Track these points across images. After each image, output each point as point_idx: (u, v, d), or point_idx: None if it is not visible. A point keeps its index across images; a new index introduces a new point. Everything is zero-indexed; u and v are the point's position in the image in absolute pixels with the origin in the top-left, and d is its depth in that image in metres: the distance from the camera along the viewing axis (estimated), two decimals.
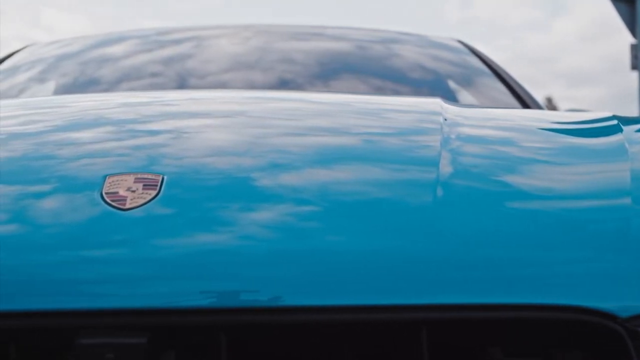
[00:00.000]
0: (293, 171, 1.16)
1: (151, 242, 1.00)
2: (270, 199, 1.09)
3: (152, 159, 1.17)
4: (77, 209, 1.06)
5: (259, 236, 1.02)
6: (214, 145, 1.25)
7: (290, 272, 0.98)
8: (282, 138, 1.32)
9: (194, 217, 1.05)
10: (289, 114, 1.55)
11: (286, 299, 0.97)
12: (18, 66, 2.75)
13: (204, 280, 0.98)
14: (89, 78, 2.52)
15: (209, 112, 1.55)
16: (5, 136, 1.33)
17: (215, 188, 1.11)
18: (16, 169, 1.18)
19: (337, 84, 2.47)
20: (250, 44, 2.71)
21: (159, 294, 0.96)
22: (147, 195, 1.06)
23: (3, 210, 1.06)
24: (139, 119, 1.47)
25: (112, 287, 0.97)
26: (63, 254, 1.00)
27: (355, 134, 1.38)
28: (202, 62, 2.57)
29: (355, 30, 3.00)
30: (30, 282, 0.97)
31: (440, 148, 1.24)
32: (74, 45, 2.85)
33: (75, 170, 1.16)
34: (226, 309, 0.96)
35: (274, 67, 2.54)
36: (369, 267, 0.99)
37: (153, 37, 2.85)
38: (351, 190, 1.12)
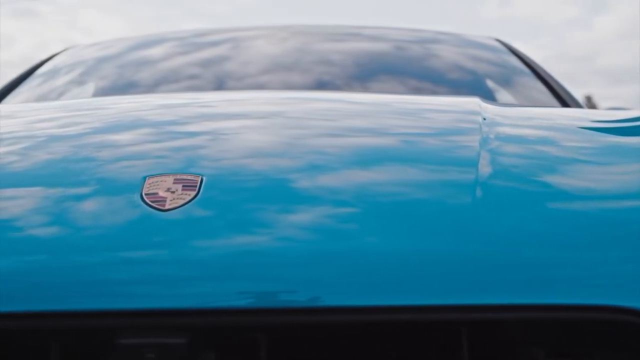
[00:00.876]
0: (331, 172, 1.16)
1: (190, 243, 1.01)
2: (308, 200, 1.09)
3: (190, 161, 1.17)
4: (117, 211, 1.07)
5: (297, 237, 1.03)
6: (251, 146, 1.26)
7: (329, 273, 0.98)
8: (319, 139, 1.32)
9: (233, 219, 1.05)
10: (327, 114, 1.55)
11: (325, 300, 0.97)
12: (58, 69, 2.78)
13: (242, 281, 0.98)
14: (127, 81, 2.53)
15: (246, 113, 1.56)
16: (45, 138, 1.35)
17: (254, 189, 1.11)
18: (57, 171, 1.19)
19: (375, 85, 2.46)
20: (287, 45, 2.71)
21: (198, 295, 0.96)
22: (187, 196, 1.07)
23: (45, 212, 1.08)
24: (177, 120, 1.48)
25: (152, 287, 0.97)
26: (104, 255, 1.01)
27: (393, 135, 1.38)
28: (239, 64, 2.57)
29: (393, 30, 2.98)
30: (72, 283, 0.98)
31: (479, 148, 1.23)
32: (113, 47, 2.87)
33: (115, 172, 1.17)
34: (265, 309, 0.96)
35: (311, 69, 2.53)
36: (408, 267, 0.99)
37: (190, 38, 2.86)
38: (389, 192, 1.11)
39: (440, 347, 1.01)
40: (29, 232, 1.06)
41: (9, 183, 1.16)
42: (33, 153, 1.27)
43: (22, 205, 1.10)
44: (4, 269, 1.00)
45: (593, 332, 1.02)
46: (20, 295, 0.98)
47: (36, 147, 1.29)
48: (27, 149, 1.29)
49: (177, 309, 0.96)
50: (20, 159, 1.25)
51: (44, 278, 0.99)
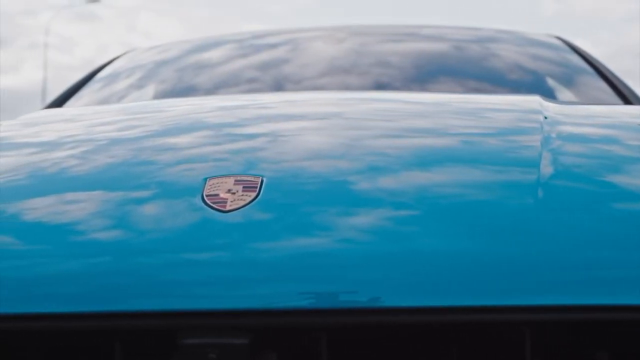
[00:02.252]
0: (390, 174, 1.16)
1: (251, 244, 1.01)
2: (368, 202, 1.08)
3: (249, 163, 1.18)
4: (178, 212, 1.08)
5: (358, 239, 1.02)
6: (311, 148, 1.26)
7: (390, 274, 0.98)
8: (379, 140, 1.32)
9: (293, 220, 1.05)
10: (386, 115, 1.54)
11: (386, 300, 0.97)
12: (118, 73, 2.81)
13: (303, 282, 0.98)
14: (186, 85, 2.54)
15: (305, 115, 1.56)
16: (106, 142, 1.36)
17: (313, 191, 1.11)
18: (117, 174, 1.20)
19: (434, 87, 2.44)
20: (345, 47, 2.70)
21: (260, 296, 0.97)
22: (247, 197, 1.07)
23: (107, 215, 1.09)
24: (236, 122, 1.48)
25: (214, 288, 0.98)
26: (167, 256, 1.02)
27: (453, 135, 1.36)
28: (297, 67, 2.57)
29: (451, 29, 2.95)
30: (136, 284, 0.99)
31: (540, 148, 1.22)
32: (172, 50, 2.89)
33: (175, 174, 1.18)
34: (326, 309, 0.96)
35: (369, 71, 2.52)
36: (470, 268, 0.98)
37: (249, 41, 2.87)
38: (450, 193, 1.11)
39: (503, 348, 1.00)
40: (92, 235, 1.07)
41: (71, 187, 1.18)
42: (94, 157, 1.29)
43: (85, 209, 1.11)
44: (70, 271, 1.02)
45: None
46: (86, 296, 0.99)
47: (97, 151, 1.31)
48: (88, 152, 1.31)
49: (239, 310, 0.96)
50: (82, 163, 1.27)
51: (109, 279, 1.00)
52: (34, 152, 1.36)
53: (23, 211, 1.13)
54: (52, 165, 1.28)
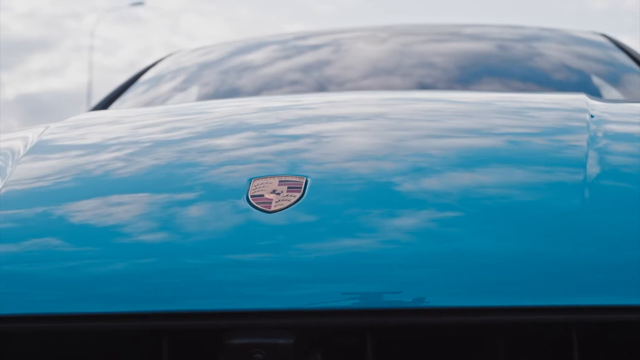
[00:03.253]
0: (435, 174, 1.15)
1: (296, 245, 1.02)
2: (412, 203, 1.08)
3: (293, 165, 1.18)
4: (224, 213, 1.08)
5: (402, 239, 1.02)
6: (354, 149, 1.26)
7: (434, 274, 0.98)
8: (422, 140, 1.31)
9: (337, 221, 1.05)
10: (429, 114, 1.53)
11: (430, 301, 0.96)
12: (162, 75, 2.82)
13: (348, 282, 0.98)
14: (229, 87, 2.55)
15: (347, 115, 1.56)
16: (150, 144, 1.37)
17: (357, 192, 1.11)
18: (162, 177, 1.21)
19: (479, 88, 2.41)
20: (388, 48, 2.69)
21: (305, 296, 0.97)
22: (292, 198, 1.08)
23: (153, 217, 1.10)
24: (278, 123, 1.48)
25: (260, 289, 0.99)
26: (213, 257, 1.02)
27: (498, 135, 1.36)
28: (340, 69, 2.56)
29: (494, 28, 2.92)
30: (183, 285, 1.00)
31: (587, 147, 1.20)
32: (215, 52, 2.90)
33: (220, 176, 1.19)
34: (371, 309, 0.97)
35: (412, 72, 2.50)
36: (515, 269, 0.98)
37: (291, 42, 2.87)
38: (495, 194, 1.10)
39: (550, 349, 0.99)
40: (139, 237, 1.08)
41: (117, 189, 1.19)
42: (139, 159, 1.30)
43: (131, 211, 1.12)
44: (117, 272, 1.03)
45: None
46: (133, 297, 1.00)
47: (141, 153, 1.32)
48: (133, 154, 1.32)
49: (285, 310, 0.97)
50: (127, 165, 1.28)
51: (156, 280, 1.01)
52: (80, 154, 1.38)
53: (71, 213, 1.15)
54: (97, 167, 1.29)
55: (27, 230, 1.12)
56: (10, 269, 1.06)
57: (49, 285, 1.03)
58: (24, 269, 1.06)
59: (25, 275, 1.05)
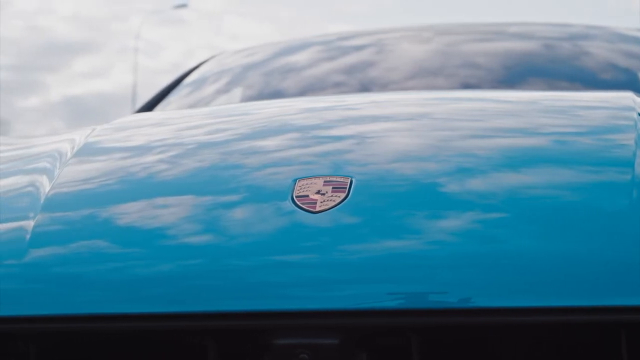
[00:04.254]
0: (480, 175, 1.15)
1: (341, 246, 1.02)
2: (457, 204, 1.08)
3: (337, 166, 1.18)
4: (269, 214, 1.09)
5: (447, 240, 1.02)
6: (398, 149, 1.25)
7: (480, 275, 0.98)
8: (467, 140, 1.30)
9: (382, 221, 1.05)
10: (474, 114, 1.52)
11: (476, 301, 0.96)
12: (205, 77, 2.83)
13: (393, 283, 0.98)
14: (273, 90, 2.55)
15: (391, 116, 1.55)
16: (194, 146, 1.38)
17: (402, 193, 1.11)
18: (206, 179, 1.22)
19: (524, 88, 2.39)
20: (431, 48, 2.67)
21: (350, 296, 0.97)
22: (337, 198, 1.08)
23: (198, 219, 1.11)
24: (322, 124, 1.48)
25: (305, 289, 0.99)
26: (259, 258, 1.03)
27: (544, 134, 1.34)
28: (384, 70, 2.55)
29: (539, 26, 2.88)
30: (229, 285, 1.01)
31: (634, 146, 1.19)
32: (258, 54, 2.90)
33: (264, 177, 1.20)
34: (416, 310, 0.96)
35: (457, 73, 2.48)
36: (560, 269, 0.97)
37: (334, 42, 2.86)
38: (541, 194, 1.09)
39: (598, 349, 0.98)
40: (184, 239, 1.09)
41: (161, 192, 1.20)
42: (183, 161, 1.31)
43: (176, 213, 1.13)
44: (163, 273, 1.04)
45: None
46: (180, 297, 1.01)
47: (185, 155, 1.33)
48: (177, 156, 1.33)
49: (330, 310, 0.97)
50: (171, 167, 1.29)
51: (202, 281, 1.02)
52: (125, 156, 1.39)
53: (116, 215, 1.16)
54: (142, 170, 1.30)
55: (75, 233, 1.14)
56: (59, 271, 1.07)
57: (97, 286, 1.05)
58: (72, 270, 1.07)
59: (73, 277, 1.06)
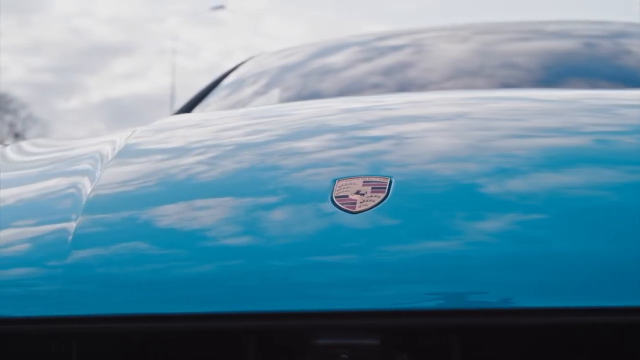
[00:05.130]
0: (520, 176, 1.14)
1: (381, 246, 1.02)
2: (497, 205, 1.07)
3: (375, 167, 1.18)
4: (308, 215, 1.09)
5: (487, 241, 1.02)
6: (437, 150, 1.25)
7: (520, 275, 0.97)
8: (507, 140, 1.30)
9: (421, 222, 1.05)
10: (513, 114, 1.51)
11: (517, 301, 0.96)
12: (243, 79, 2.84)
13: (433, 283, 0.98)
14: (311, 91, 2.55)
15: (429, 116, 1.54)
16: (232, 147, 1.39)
17: (441, 194, 1.11)
18: (246, 180, 1.22)
19: (565, 88, 2.36)
20: (469, 47, 2.65)
21: (390, 297, 0.97)
22: (377, 198, 1.08)
23: (237, 220, 1.12)
24: (360, 124, 1.48)
25: (346, 289, 0.99)
26: (299, 258, 1.03)
27: (585, 134, 1.33)
28: (422, 71, 2.54)
29: (578, 24, 2.85)
30: (269, 286, 1.01)
31: None
32: (296, 55, 2.91)
33: (303, 178, 1.20)
34: (456, 310, 0.96)
35: (496, 73, 2.46)
36: (602, 270, 0.96)
37: (372, 43, 2.86)
38: (582, 195, 1.08)
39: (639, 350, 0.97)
40: (224, 240, 1.10)
41: (201, 193, 1.21)
42: (221, 162, 1.31)
43: (215, 215, 1.14)
44: (203, 274, 1.04)
45: None
46: (220, 297, 1.02)
47: (224, 156, 1.34)
48: (216, 158, 1.34)
49: (370, 310, 0.97)
50: (210, 169, 1.30)
51: (242, 282, 1.02)
52: (165, 158, 1.40)
53: (157, 217, 1.17)
54: (182, 171, 1.31)
55: (116, 234, 1.15)
56: (101, 272, 1.08)
57: (138, 287, 1.06)
58: (114, 271, 1.08)
59: (115, 277, 1.07)
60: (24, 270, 1.12)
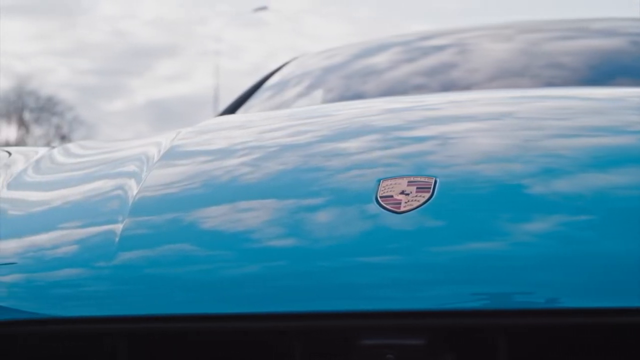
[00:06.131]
0: (566, 176, 1.13)
1: (426, 246, 1.02)
2: (543, 206, 1.06)
3: (420, 167, 1.17)
4: (353, 215, 1.09)
5: (533, 242, 1.01)
6: (482, 150, 1.24)
7: (567, 276, 0.96)
8: (553, 140, 1.28)
9: (467, 222, 1.05)
10: (559, 113, 1.49)
11: (562, 301, 0.95)
12: (286, 80, 2.85)
13: (479, 283, 0.98)
14: (354, 93, 2.54)
15: (473, 115, 1.53)
16: (276, 149, 1.39)
17: (486, 195, 1.10)
18: (289, 181, 1.23)
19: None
20: (513, 47, 2.63)
21: (436, 297, 0.97)
22: (422, 198, 1.07)
23: (282, 222, 1.13)
24: (403, 125, 1.48)
25: (391, 290, 0.99)
26: (344, 258, 1.04)
27: (633, 133, 1.31)
28: (466, 72, 2.51)
29: (623, 22, 2.80)
30: (315, 286, 1.02)
31: None
32: (339, 56, 2.91)
33: (347, 179, 1.20)
34: (502, 310, 0.96)
35: (541, 73, 2.43)
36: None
37: (415, 43, 2.84)
38: (629, 195, 1.07)
39: None
40: (269, 241, 1.10)
41: (245, 195, 1.22)
42: (265, 164, 1.32)
43: (260, 217, 1.14)
44: (249, 274, 1.05)
45: None
46: (267, 298, 1.02)
47: (268, 158, 1.34)
48: (259, 159, 1.34)
49: (416, 310, 0.97)
50: (253, 171, 1.31)
51: (288, 282, 1.03)
52: (209, 160, 1.41)
53: (201, 219, 1.18)
54: (226, 173, 1.32)
55: (161, 236, 1.16)
56: (147, 272, 1.10)
57: (185, 288, 1.06)
58: (160, 272, 1.09)
59: (161, 278, 1.08)
60: (73, 271, 1.14)
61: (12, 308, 1.12)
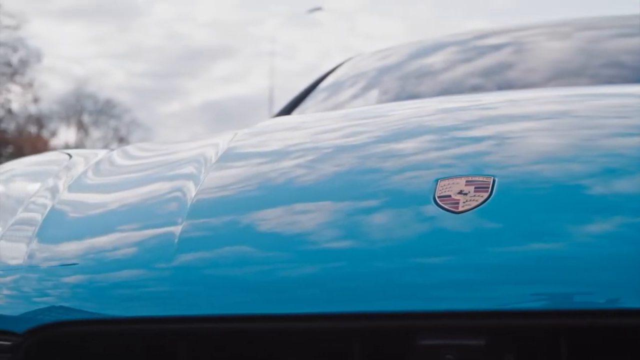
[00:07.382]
0: (627, 176, 1.11)
1: (485, 246, 1.01)
2: (603, 206, 1.05)
3: (476, 168, 1.16)
4: (410, 216, 1.09)
5: (593, 242, 1.00)
6: (540, 150, 1.22)
7: (628, 276, 0.95)
8: (613, 139, 1.26)
9: (526, 222, 1.04)
10: (619, 111, 1.47)
11: (624, 302, 0.94)
12: (341, 82, 2.84)
13: (538, 284, 0.97)
14: (409, 94, 2.53)
15: (530, 115, 1.51)
16: (330, 150, 1.39)
17: (545, 196, 1.09)
18: (345, 183, 1.23)
19: None
20: (571, 45, 2.59)
21: (495, 297, 0.97)
22: (480, 198, 1.07)
23: (339, 223, 1.13)
24: (459, 125, 1.47)
25: (450, 290, 0.99)
26: (402, 259, 1.03)
27: None
28: (522, 72, 2.48)
29: None
30: (373, 287, 1.02)
31: None
32: (393, 56, 2.89)
33: (403, 180, 1.20)
34: (563, 311, 0.95)
35: (600, 73, 2.38)
36: None
37: (470, 42, 2.82)
38: None
39: None
40: (326, 242, 1.11)
41: (301, 197, 1.22)
42: (320, 166, 1.32)
43: (316, 219, 1.15)
44: (308, 275, 1.06)
45: None
46: (325, 298, 1.03)
47: (323, 159, 1.35)
48: (315, 161, 1.35)
49: (476, 311, 0.96)
50: (309, 172, 1.31)
51: (346, 283, 1.03)
52: (265, 161, 1.42)
53: (258, 221, 1.19)
54: (281, 175, 1.32)
55: (219, 237, 1.17)
56: (207, 273, 1.11)
57: (244, 288, 1.07)
58: (219, 273, 1.10)
59: (220, 279, 1.10)
60: (133, 272, 1.16)
61: (74, 308, 1.14)
